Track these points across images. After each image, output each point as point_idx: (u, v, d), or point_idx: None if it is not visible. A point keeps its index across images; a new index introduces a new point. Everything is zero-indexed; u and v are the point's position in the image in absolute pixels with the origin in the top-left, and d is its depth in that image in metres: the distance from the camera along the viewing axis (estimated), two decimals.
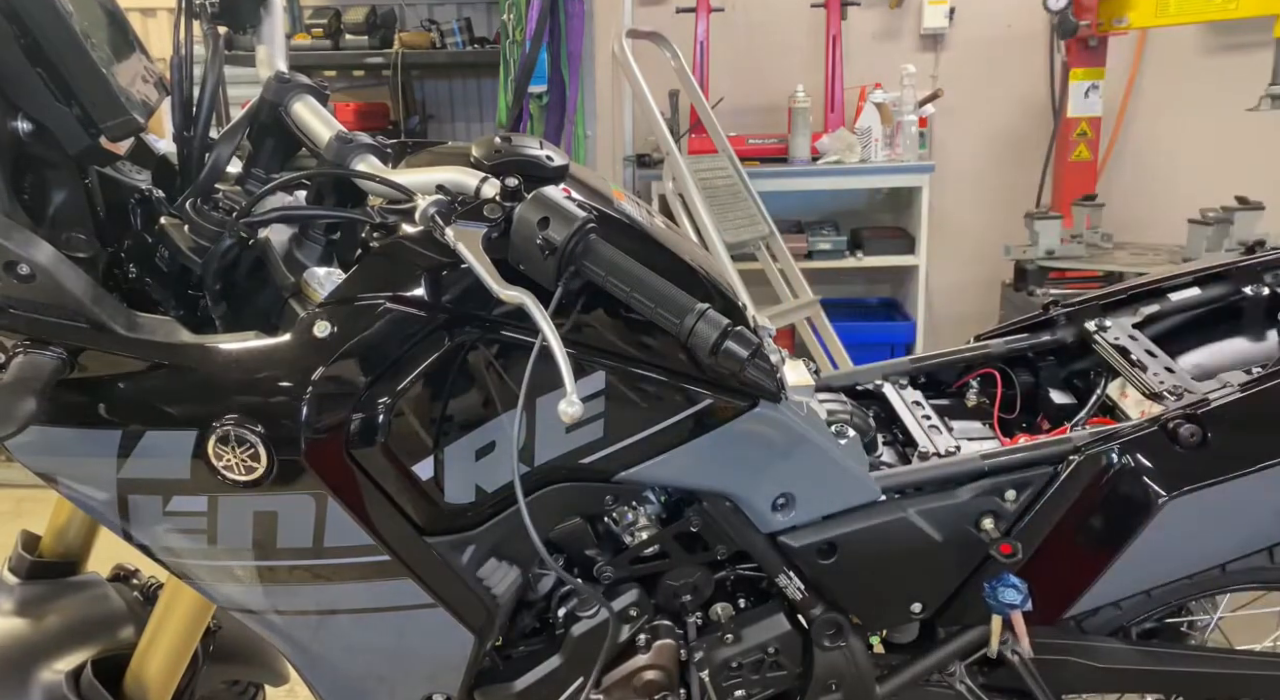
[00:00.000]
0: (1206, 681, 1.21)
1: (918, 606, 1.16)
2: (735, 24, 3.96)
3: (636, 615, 1.11)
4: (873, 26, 3.98)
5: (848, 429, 1.14)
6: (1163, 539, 1.10)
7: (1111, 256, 3.34)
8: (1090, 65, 3.45)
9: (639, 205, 1.06)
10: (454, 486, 0.95)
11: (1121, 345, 1.32)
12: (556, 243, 0.83)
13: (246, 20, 1.08)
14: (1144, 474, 1.10)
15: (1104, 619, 1.20)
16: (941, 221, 3.88)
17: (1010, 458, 1.14)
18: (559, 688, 1.10)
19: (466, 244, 0.83)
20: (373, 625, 1.00)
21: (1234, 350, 1.33)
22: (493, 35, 4.21)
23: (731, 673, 1.15)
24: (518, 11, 3.02)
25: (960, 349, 1.45)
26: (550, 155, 0.93)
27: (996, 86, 3.94)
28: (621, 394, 0.97)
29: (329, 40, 4.17)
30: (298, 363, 0.87)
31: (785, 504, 1.09)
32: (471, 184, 0.88)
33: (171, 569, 0.97)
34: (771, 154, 3.78)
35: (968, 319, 3.94)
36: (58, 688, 1.07)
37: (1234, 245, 3.00)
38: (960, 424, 1.35)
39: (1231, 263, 1.38)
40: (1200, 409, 1.11)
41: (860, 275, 4.14)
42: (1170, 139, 3.80)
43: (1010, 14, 3.87)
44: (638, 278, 0.85)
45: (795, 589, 1.12)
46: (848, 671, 1.15)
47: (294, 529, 0.92)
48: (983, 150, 4.02)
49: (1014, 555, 1.09)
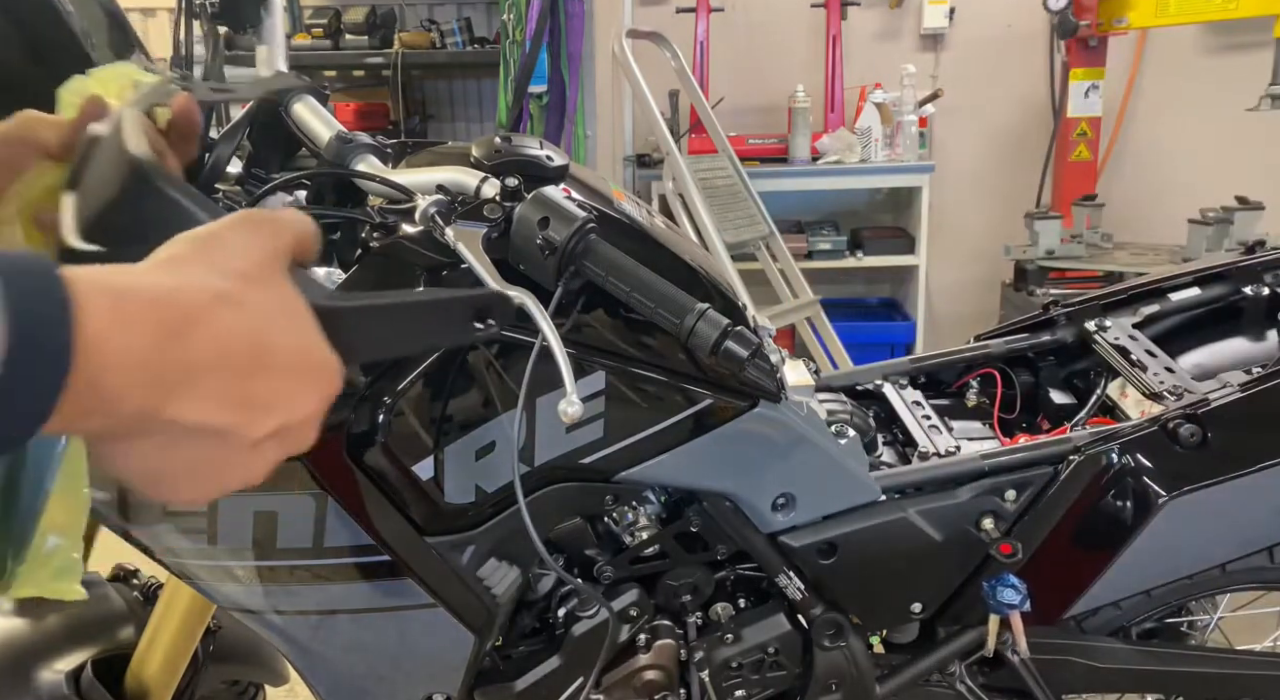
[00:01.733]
0: (1206, 681, 1.21)
1: (918, 606, 1.16)
2: (735, 24, 3.97)
3: (636, 615, 1.11)
4: (873, 26, 3.98)
5: (848, 429, 1.14)
6: (1163, 539, 1.10)
7: (1111, 256, 3.34)
8: (1090, 65, 3.46)
9: (639, 205, 1.06)
10: (454, 486, 0.95)
11: (1121, 345, 1.32)
12: (556, 243, 0.83)
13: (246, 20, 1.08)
14: (1144, 474, 1.10)
15: (1104, 619, 1.20)
16: (941, 221, 3.88)
17: (1010, 458, 1.14)
18: (559, 688, 1.10)
19: (466, 244, 0.83)
20: (373, 625, 1.00)
21: (1234, 350, 1.33)
22: (493, 35, 4.22)
23: (731, 673, 1.15)
24: (518, 11, 3.03)
25: (960, 349, 1.45)
26: (550, 155, 0.93)
27: (996, 86, 3.94)
28: (621, 394, 0.97)
29: (329, 40, 4.17)
30: None
31: (785, 504, 1.09)
32: (471, 184, 0.88)
33: (171, 569, 0.97)
34: (771, 154, 3.78)
35: (968, 319, 3.94)
36: (58, 688, 1.07)
37: (1234, 245, 3.00)
38: (960, 424, 1.35)
39: (1231, 263, 1.38)
40: (1200, 409, 1.11)
41: (860, 275, 4.14)
42: (1170, 139, 3.80)
43: (1010, 14, 3.87)
44: (638, 277, 0.85)
45: (795, 589, 1.12)
46: (848, 671, 1.15)
47: (294, 529, 0.92)
48: (983, 150, 4.02)
49: (1014, 555, 1.09)
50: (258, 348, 0.50)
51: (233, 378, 0.49)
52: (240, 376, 0.49)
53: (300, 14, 4.21)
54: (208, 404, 0.48)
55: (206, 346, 0.48)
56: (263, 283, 0.52)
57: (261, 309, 0.51)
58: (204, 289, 0.49)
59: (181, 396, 0.47)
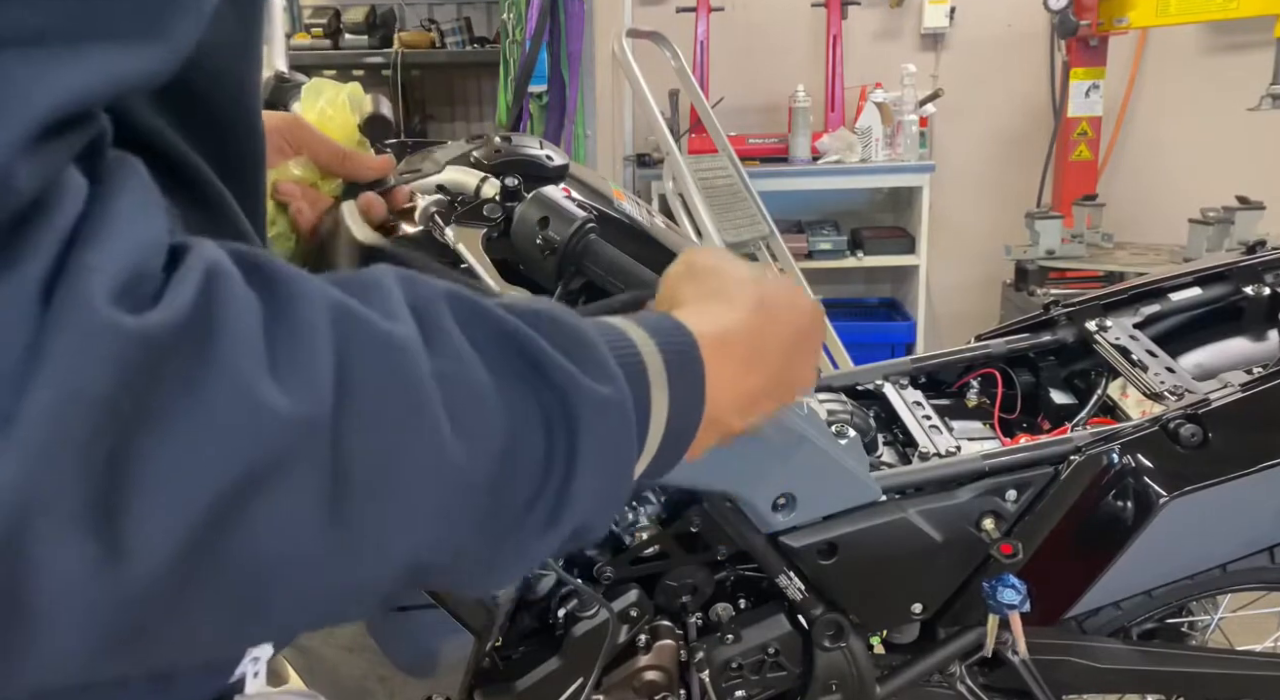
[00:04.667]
0: (1207, 682, 1.21)
1: (918, 607, 1.15)
2: (735, 24, 3.96)
3: (637, 616, 1.11)
4: (873, 26, 3.98)
5: (848, 429, 1.13)
6: (1163, 539, 1.10)
7: (1112, 256, 3.34)
8: (1091, 65, 3.45)
9: (639, 205, 1.06)
10: None
11: (1122, 345, 1.32)
12: (556, 243, 0.83)
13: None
14: (1145, 474, 1.10)
15: (1105, 619, 1.20)
16: (942, 221, 3.88)
17: (1011, 458, 1.14)
18: (559, 688, 1.10)
19: (466, 244, 0.83)
20: (372, 625, 1.00)
21: (1235, 350, 1.33)
22: (493, 35, 4.22)
23: (732, 673, 1.15)
24: (518, 11, 3.02)
25: (961, 349, 1.45)
26: (550, 155, 0.93)
27: (997, 86, 3.93)
28: None
29: (329, 40, 4.17)
30: None
31: (785, 504, 1.09)
32: (471, 184, 0.88)
33: None
34: (771, 154, 3.78)
35: (968, 319, 3.94)
36: None
37: (1234, 245, 3.00)
38: (961, 424, 1.35)
39: (1232, 263, 1.38)
40: (1201, 409, 1.11)
41: (860, 275, 4.14)
42: (1170, 139, 3.80)
43: (1010, 14, 3.86)
44: (638, 278, 0.85)
45: (796, 589, 1.12)
46: (848, 672, 1.15)
47: None
48: (983, 150, 4.02)
49: (1014, 555, 1.09)
50: (786, 348, 0.61)
51: (786, 366, 0.61)
52: (789, 361, 0.61)
53: (300, 13, 4.22)
54: (775, 395, 0.62)
55: (774, 357, 0.59)
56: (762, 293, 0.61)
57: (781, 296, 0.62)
58: (746, 322, 0.58)
59: (764, 403, 0.60)
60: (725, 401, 0.54)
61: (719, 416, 0.54)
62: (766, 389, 0.59)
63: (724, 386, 0.54)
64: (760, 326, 0.58)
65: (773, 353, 0.59)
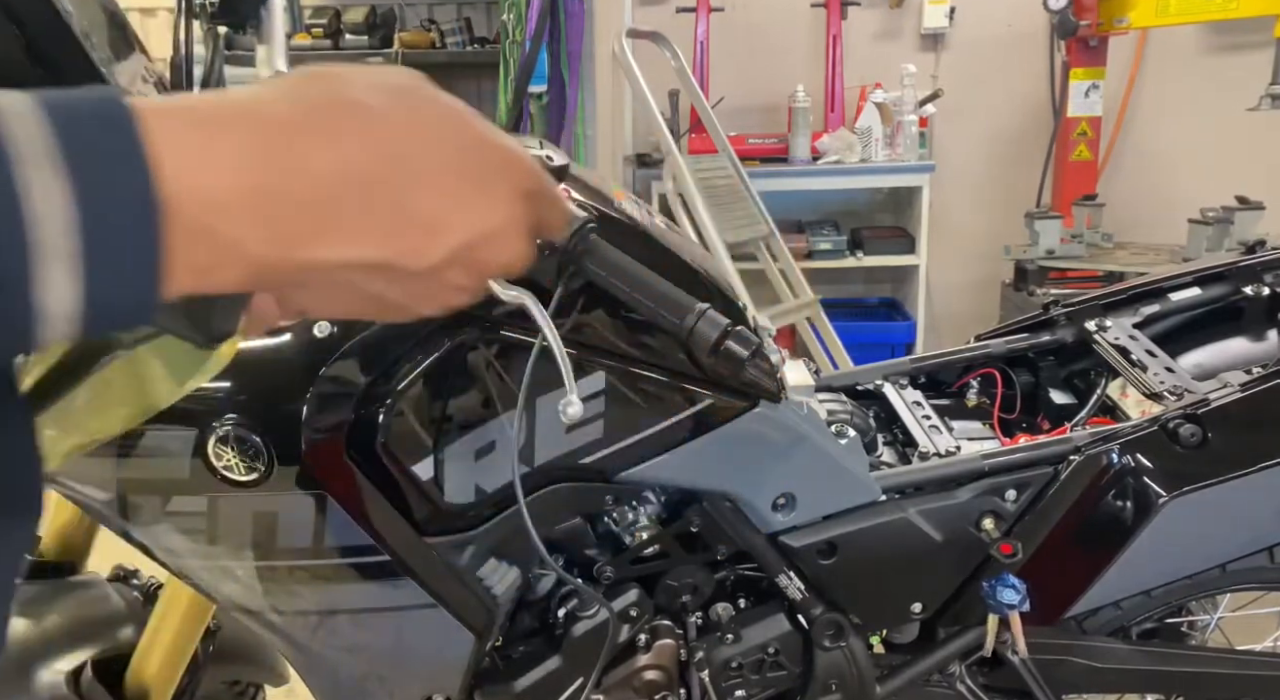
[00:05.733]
0: (1207, 681, 1.21)
1: (918, 606, 1.16)
2: (735, 24, 3.96)
3: (637, 615, 1.11)
4: (873, 26, 3.98)
5: (848, 429, 1.14)
6: (1163, 539, 1.10)
7: (1111, 256, 3.34)
8: (1090, 65, 3.45)
9: (639, 205, 1.06)
10: (454, 487, 0.95)
11: (1122, 345, 1.32)
12: (556, 242, 0.83)
13: (247, 20, 1.08)
14: (1144, 474, 1.10)
15: (1104, 619, 1.20)
16: (941, 221, 3.88)
17: (1010, 458, 1.14)
18: (559, 688, 1.10)
19: None
20: (373, 625, 1.00)
21: (1234, 350, 1.33)
22: (493, 35, 4.22)
23: (732, 673, 1.15)
24: (518, 11, 3.02)
25: (960, 349, 1.45)
26: (550, 155, 0.93)
27: (996, 86, 3.93)
28: (621, 394, 0.97)
29: (329, 40, 4.18)
30: (298, 363, 0.87)
31: (785, 504, 1.09)
32: None
33: (171, 569, 0.97)
34: (771, 154, 3.78)
35: (968, 319, 3.94)
36: (58, 688, 1.07)
37: (1234, 245, 3.00)
38: (960, 424, 1.35)
39: (1231, 263, 1.38)
40: (1200, 409, 1.11)
41: (860, 275, 4.14)
42: (1170, 139, 3.80)
43: (1010, 14, 3.86)
44: (638, 277, 0.85)
45: (795, 589, 1.12)
46: (848, 672, 1.15)
47: (294, 529, 0.92)
48: (983, 150, 4.02)
49: (1014, 555, 1.09)
50: (404, 157, 0.40)
51: (374, 199, 0.39)
52: (385, 196, 0.40)
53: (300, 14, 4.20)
54: (347, 237, 0.39)
55: (327, 165, 0.38)
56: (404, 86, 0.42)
57: (401, 108, 0.41)
58: (302, 99, 0.39)
59: (314, 233, 0.38)
60: (232, 202, 0.36)
61: (216, 224, 0.36)
62: (353, 207, 0.39)
63: (224, 176, 0.36)
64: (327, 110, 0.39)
65: (351, 152, 0.39)
